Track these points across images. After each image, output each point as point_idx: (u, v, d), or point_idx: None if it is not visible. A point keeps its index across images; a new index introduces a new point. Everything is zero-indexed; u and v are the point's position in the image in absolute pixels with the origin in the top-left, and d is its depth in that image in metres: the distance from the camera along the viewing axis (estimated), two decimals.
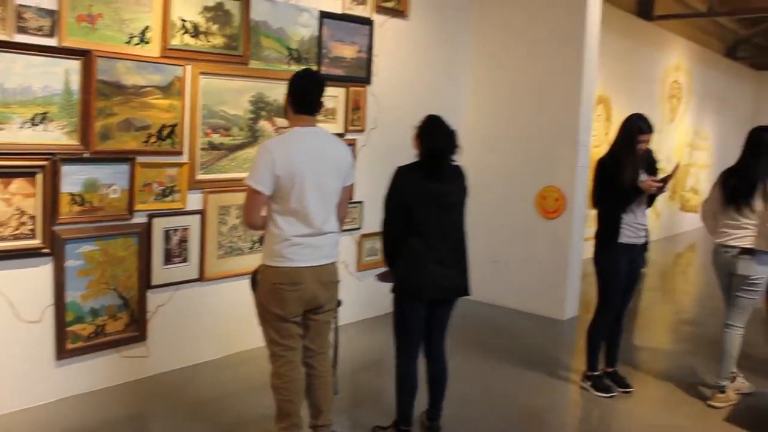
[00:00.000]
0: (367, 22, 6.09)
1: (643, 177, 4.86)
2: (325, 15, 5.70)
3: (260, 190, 3.42)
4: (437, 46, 6.93)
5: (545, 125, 6.85)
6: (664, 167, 12.53)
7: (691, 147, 13.85)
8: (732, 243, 4.82)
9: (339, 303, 3.88)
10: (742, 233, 4.78)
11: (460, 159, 4.01)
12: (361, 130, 6.18)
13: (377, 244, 6.39)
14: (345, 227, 5.58)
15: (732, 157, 16.53)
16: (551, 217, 6.85)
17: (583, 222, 7.03)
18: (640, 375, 5.52)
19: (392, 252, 3.91)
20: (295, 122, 3.59)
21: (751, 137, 4.99)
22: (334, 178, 3.58)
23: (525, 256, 7.03)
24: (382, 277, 4.09)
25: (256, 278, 3.66)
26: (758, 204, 4.72)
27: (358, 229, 6.30)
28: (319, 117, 5.52)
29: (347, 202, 3.82)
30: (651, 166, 5.08)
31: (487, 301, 7.23)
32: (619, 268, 4.93)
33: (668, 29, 12.55)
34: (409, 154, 4.00)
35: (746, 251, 4.75)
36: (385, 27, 6.29)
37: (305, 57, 5.58)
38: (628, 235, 4.87)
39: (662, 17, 12.16)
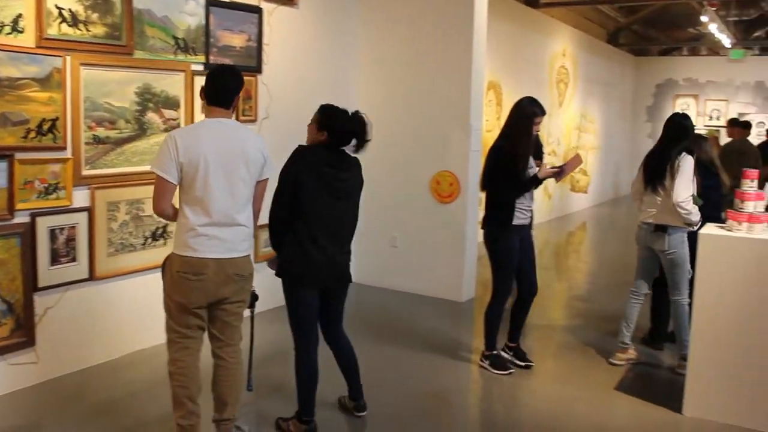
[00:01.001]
0: (256, 10, 5.99)
1: (531, 162, 4.98)
2: (211, 3, 5.56)
3: (165, 177, 3.42)
4: (327, 35, 6.90)
5: (437, 111, 6.94)
6: (555, 150, 12.99)
7: (579, 130, 14.35)
8: (649, 220, 5.13)
9: (255, 297, 3.84)
10: (656, 210, 5.09)
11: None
12: (253, 120, 6.08)
13: None
14: None
15: (617, 138, 17.34)
16: (446, 201, 6.96)
17: (476, 205, 7.17)
18: (537, 351, 5.69)
19: (279, 236, 3.88)
20: (208, 114, 3.60)
21: (671, 123, 5.25)
22: (244, 171, 3.56)
23: (422, 241, 7.12)
24: (271, 264, 4.04)
25: (165, 265, 3.63)
26: (668, 183, 4.97)
27: None
28: None
29: (263, 197, 3.79)
30: (538, 150, 5.22)
31: (386, 287, 7.30)
32: (513, 250, 5.06)
33: (554, 16, 12.95)
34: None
35: (659, 227, 5.06)
36: (274, 15, 6.20)
37: (193, 46, 5.44)
38: (519, 217, 5.01)
39: (548, 5, 12.55)
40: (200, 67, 5.51)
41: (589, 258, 10.41)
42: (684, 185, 4.90)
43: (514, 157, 4.86)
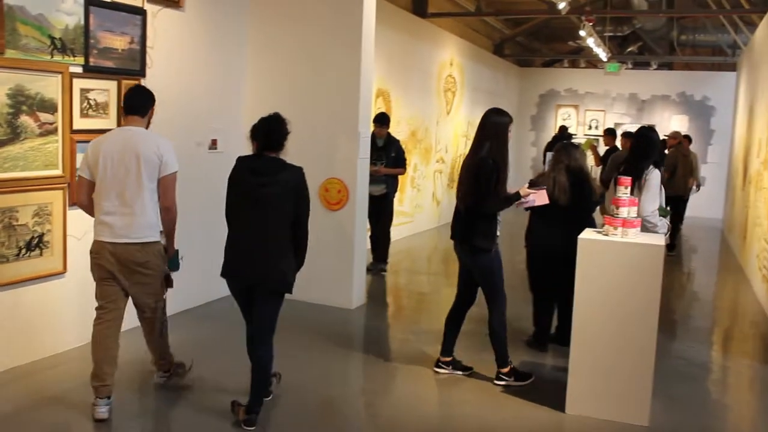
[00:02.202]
0: (139, 11, 5.80)
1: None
2: (91, 2, 5.33)
3: (80, 174, 4.32)
4: (215, 39, 6.77)
5: (326, 118, 6.93)
6: (443, 158, 13.22)
7: (466, 138, 14.67)
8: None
9: (169, 281, 4.58)
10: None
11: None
12: None
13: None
14: None
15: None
16: (335, 208, 6.95)
17: (365, 212, 7.20)
18: (430, 356, 5.76)
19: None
20: (123, 122, 4.40)
21: (639, 137, 5.41)
22: (135, 170, 4.19)
23: (311, 248, 7.01)
24: None
25: None
26: (636, 196, 5.10)
27: None
28: (91, 112, 5.30)
29: (169, 191, 4.35)
30: None
31: None
32: (500, 260, 5.12)
33: (442, 26, 13.20)
34: (189, 148, 3.88)
35: None
36: (158, 17, 6.03)
37: (71, 47, 5.20)
38: (498, 229, 5.06)
39: (435, 15, 12.78)
40: (79, 69, 5.28)
41: None
42: (650, 199, 5.14)
43: (498, 169, 4.87)
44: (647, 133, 5.47)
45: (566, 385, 4.70)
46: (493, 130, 4.98)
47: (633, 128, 7.55)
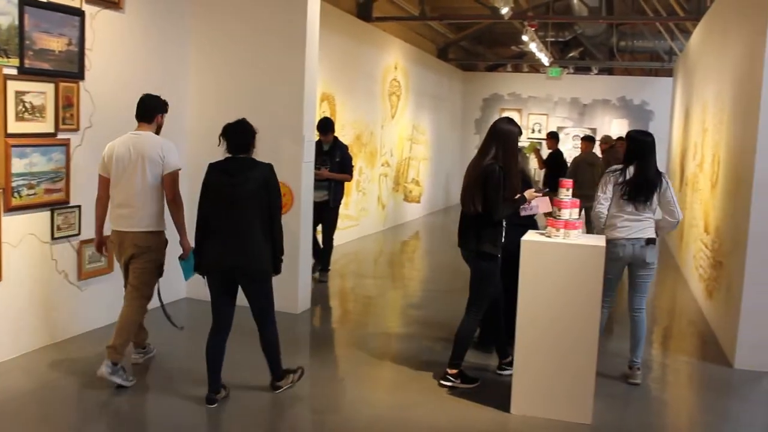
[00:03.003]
0: (78, 12, 5.66)
1: None
2: (26, 2, 5.18)
3: (99, 172, 5.04)
4: (156, 42, 6.65)
5: (270, 122, 6.82)
6: (388, 161, 13.25)
7: (411, 141, 14.76)
8: (636, 235, 5.28)
9: (160, 266, 5.10)
10: (644, 225, 5.30)
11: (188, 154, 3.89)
12: (75, 129, 5.74)
13: None
14: (62, 233, 5.75)
15: (448, 149, 17.92)
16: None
17: (310, 216, 7.16)
18: (375, 359, 5.76)
19: (198, 233, 4.67)
20: (137, 128, 5.08)
21: (635, 142, 5.42)
22: (147, 169, 4.91)
23: None
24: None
25: None
26: (655, 200, 5.28)
27: (76, 235, 5.85)
28: (27, 116, 5.15)
29: (171, 186, 5.00)
30: None
31: None
32: (499, 266, 5.16)
33: (386, 31, 13.25)
34: None
35: (650, 241, 5.29)
36: (97, 19, 5.90)
37: (4, 48, 5.04)
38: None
39: (380, 19, 12.81)
40: (14, 71, 5.13)
41: (422, 266, 10.70)
42: (676, 203, 5.32)
43: (505, 175, 4.94)
44: (639, 136, 5.49)
45: (511, 385, 4.75)
46: (503, 137, 5.05)
47: (575, 132, 7.67)
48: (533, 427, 4.56)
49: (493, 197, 4.92)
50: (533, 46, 14.47)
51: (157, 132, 5.17)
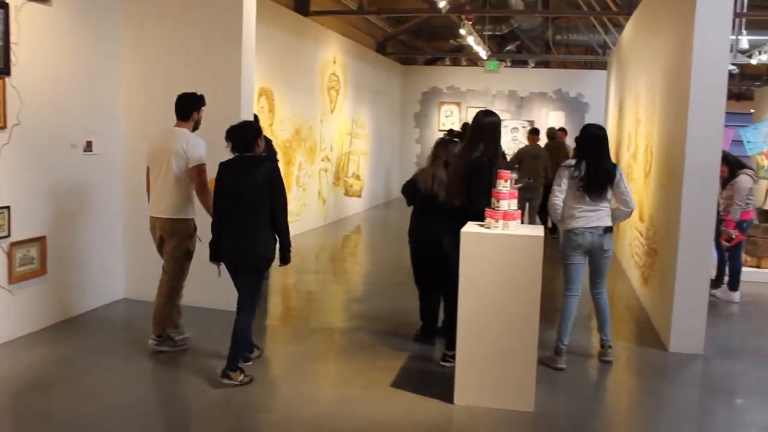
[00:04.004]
0: (1, 5, 5.45)
1: None
2: None
3: (146, 162, 5.64)
4: (87, 36, 6.45)
5: (206, 118, 6.73)
6: (328, 156, 13.20)
7: (350, 135, 14.72)
8: (594, 224, 5.49)
9: (188, 252, 5.60)
10: (601, 215, 5.52)
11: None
12: (2, 127, 5.52)
13: (32, 251, 5.85)
14: None
15: (388, 143, 17.91)
16: None
17: None
18: (318, 354, 5.74)
19: (214, 226, 5.09)
20: (176, 124, 5.56)
21: (590, 136, 5.62)
22: (166, 161, 5.42)
23: (196, 250, 6.86)
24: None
25: None
26: (609, 191, 5.52)
27: (6, 237, 5.64)
28: None
29: (196, 178, 5.41)
30: None
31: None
32: None
33: (324, 24, 13.18)
34: (63, 150, 3.68)
35: (608, 229, 5.54)
36: (23, 12, 5.68)
37: None
38: None
39: (318, 13, 12.75)
40: None
41: (364, 260, 10.70)
42: (630, 193, 5.58)
43: (492, 167, 5.05)
44: (595, 130, 5.68)
45: (454, 376, 4.78)
46: (489, 130, 5.21)
47: (513, 125, 7.82)
48: (476, 417, 4.60)
49: (478, 189, 5.05)
50: (471, 40, 14.60)
51: (196, 127, 5.64)
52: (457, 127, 16.26)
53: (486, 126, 5.22)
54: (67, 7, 6.19)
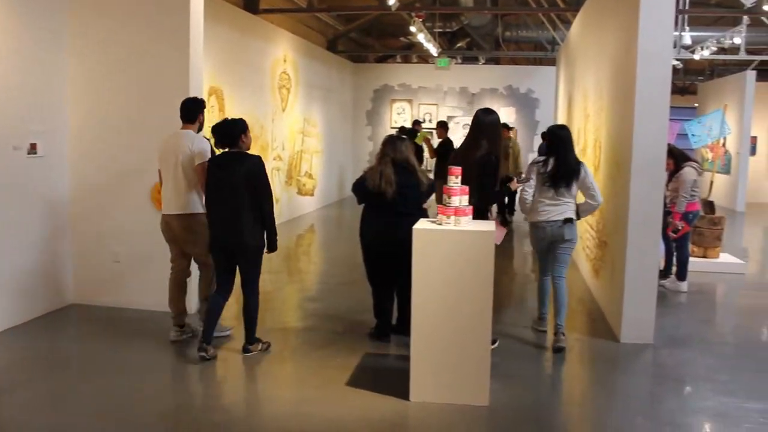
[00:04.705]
0: None
1: None
2: None
3: (158, 165, 5.92)
4: (27, 31, 6.28)
5: (156, 118, 6.64)
6: (280, 155, 13.12)
7: (302, 134, 14.65)
8: (556, 217, 5.88)
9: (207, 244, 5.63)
10: (562, 209, 5.88)
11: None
12: None
13: None
14: None
15: (340, 142, 17.94)
16: None
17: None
18: (274, 355, 5.69)
19: (207, 219, 5.49)
20: (182, 127, 5.89)
21: (553, 135, 6.05)
22: (174, 160, 5.71)
23: (147, 253, 6.77)
24: None
25: None
26: (575, 187, 5.89)
27: None
28: None
29: (201, 176, 5.61)
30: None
31: (112, 305, 6.84)
32: None
33: (274, 23, 13.08)
34: (5, 153, 3.58)
35: (569, 220, 5.90)
36: None
37: None
38: None
39: (267, 11, 12.64)
40: None
41: (318, 259, 10.66)
42: (596, 188, 5.96)
43: (498, 165, 5.43)
44: (557, 131, 6.09)
45: (409, 373, 4.79)
46: (491, 129, 5.51)
47: (465, 121, 7.95)
48: (432, 413, 4.62)
49: (488, 186, 5.41)
50: (421, 37, 14.65)
51: (200, 128, 5.97)
52: (408, 125, 16.33)
53: (487, 124, 5.54)
54: (9, 7, 6.03)
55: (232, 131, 5.40)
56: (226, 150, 5.42)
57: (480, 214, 5.31)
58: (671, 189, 7.94)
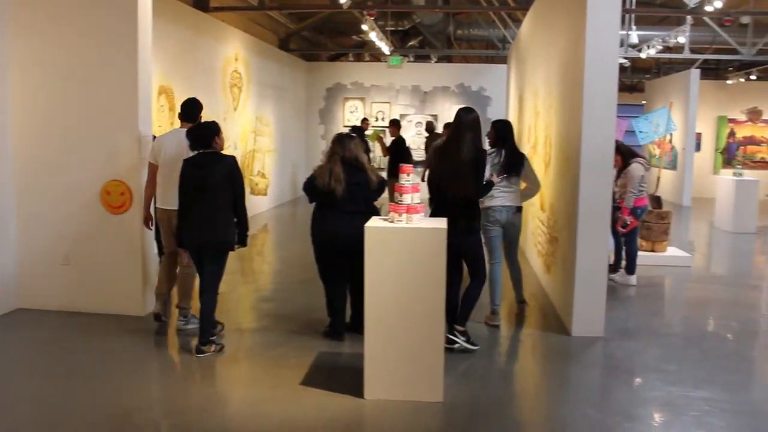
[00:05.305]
0: None
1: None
2: None
3: (149, 160, 6.19)
4: None
5: (103, 118, 6.53)
6: (232, 154, 12.96)
7: (255, 133, 14.54)
8: (508, 203, 6.48)
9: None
10: (514, 196, 6.54)
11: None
12: None
13: None
14: None
15: (293, 140, 17.79)
16: (118, 212, 6.58)
17: (150, 215, 6.86)
18: (228, 356, 5.65)
19: (180, 216, 5.61)
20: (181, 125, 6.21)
21: (505, 129, 6.70)
22: (185, 155, 5.73)
23: (96, 255, 6.66)
24: None
25: None
26: (522, 174, 6.54)
27: None
28: None
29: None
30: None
31: (61, 309, 6.70)
32: None
33: (225, 21, 12.96)
34: None
35: (519, 208, 6.61)
36: None
37: None
38: None
39: (218, 9, 12.51)
40: None
41: (272, 258, 10.60)
42: (536, 174, 6.68)
43: (485, 164, 5.86)
44: (501, 125, 6.73)
45: (363, 371, 4.79)
46: (474, 126, 5.77)
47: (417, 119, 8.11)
48: (386, 411, 4.63)
49: (480, 180, 5.75)
50: (373, 36, 14.65)
51: None
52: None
53: (470, 122, 5.78)
54: None
55: (206, 133, 5.62)
56: (201, 151, 5.59)
57: (475, 206, 5.75)
58: (620, 185, 8.09)
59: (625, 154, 8.11)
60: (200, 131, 5.66)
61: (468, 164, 5.65)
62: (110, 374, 5.26)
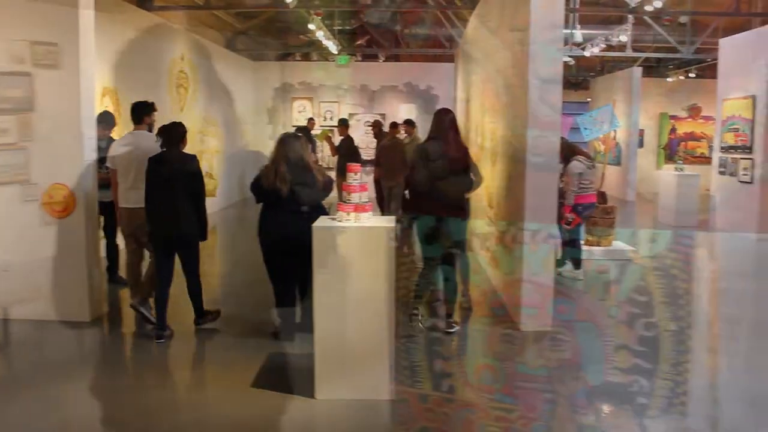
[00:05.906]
0: None
1: None
2: None
3: (109, 166, 6.42)
4: None
5: (45, 120, 6.39)
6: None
7: (202, 134, 14.38)
8: None
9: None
10: None
11: None
12: None
13: None
14: None
15: (241, 141, 17.55)
16: (62, 216, 6.44)
17: (95, 218, 6.74)
18: (176, 361, 5.60)
19: (146, 212, 5.92)
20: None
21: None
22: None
23: (38, 260, 6.50)
24: None
25: None
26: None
27: None
28: None
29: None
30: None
31: (2, 317, 6.54)
32: None
33: (171, 20, 12.78)
34: None
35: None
36: None
37: None
38: None
39: (162, 8, 12.34)
40: None
41: (221, 260, 10.50)
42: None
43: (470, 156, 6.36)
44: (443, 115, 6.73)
45: (314, 371, 4.79)
46: (455, 125, 6.25)
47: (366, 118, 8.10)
48: (337, 410, 4.65)
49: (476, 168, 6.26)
50: (321, 35, 14.62)
51: (150, 128, 6.51)
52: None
53: (450, 121, 6.21)
54: None
55: (177, 133, 6.04)
56: (164, 150, 5.92)
57: (466, 201, 6.34)
58: (564, 182, 8.22)
59: (564, 150, 8.22)
60: (173, 131, 6.02)
61: (463, 160, 6.16)
62: (55, 380, 5.15)
